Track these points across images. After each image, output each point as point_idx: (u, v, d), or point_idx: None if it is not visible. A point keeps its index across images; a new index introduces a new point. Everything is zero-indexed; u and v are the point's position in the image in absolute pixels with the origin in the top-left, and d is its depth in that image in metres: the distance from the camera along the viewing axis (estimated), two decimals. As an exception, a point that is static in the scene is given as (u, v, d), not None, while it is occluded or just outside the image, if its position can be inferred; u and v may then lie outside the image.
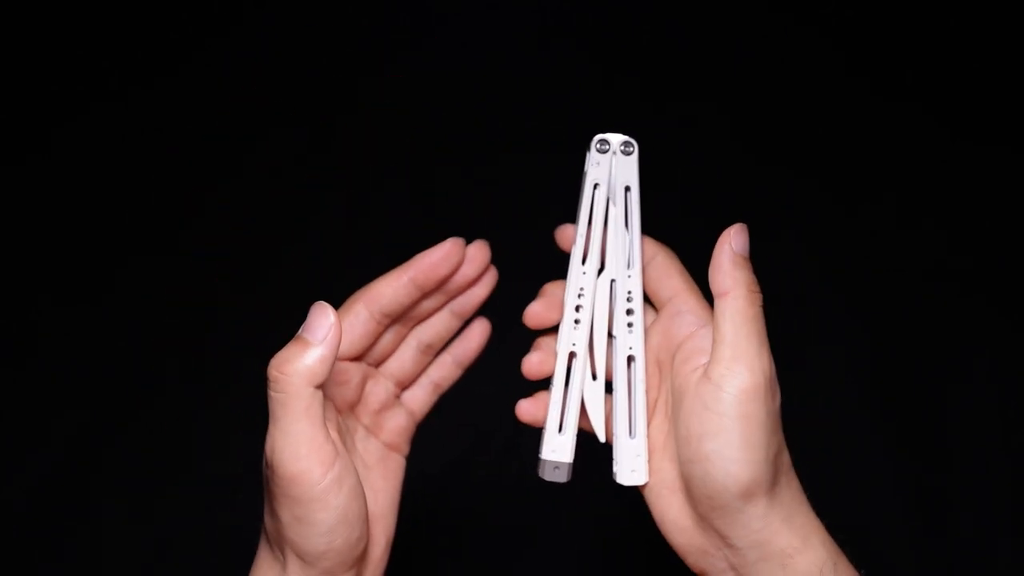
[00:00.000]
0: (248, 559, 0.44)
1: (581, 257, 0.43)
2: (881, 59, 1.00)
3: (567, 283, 0.44)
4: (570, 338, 0.43)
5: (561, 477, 0.42)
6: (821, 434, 0.77)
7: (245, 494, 0.77)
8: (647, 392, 0.43)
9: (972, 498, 0.75)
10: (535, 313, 0.44)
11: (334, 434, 0.40)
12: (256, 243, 0.92)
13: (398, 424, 0.46)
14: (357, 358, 0.45)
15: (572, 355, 0.43)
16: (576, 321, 0.42)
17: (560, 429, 0.42)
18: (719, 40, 1.03)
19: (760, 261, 0.93)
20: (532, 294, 0.46)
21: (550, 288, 0.45)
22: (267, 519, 0.41)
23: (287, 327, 0.41)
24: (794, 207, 0.92)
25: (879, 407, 0.80)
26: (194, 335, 0.86)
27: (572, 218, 0.46)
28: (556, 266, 0.46)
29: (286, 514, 0.38)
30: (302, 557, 0.39)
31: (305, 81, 1.03)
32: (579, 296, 0.43)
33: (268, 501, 0.40)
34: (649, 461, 0.42)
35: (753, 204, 0.91)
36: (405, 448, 0.47)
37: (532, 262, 0.52)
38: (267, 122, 1.00)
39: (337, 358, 0.40)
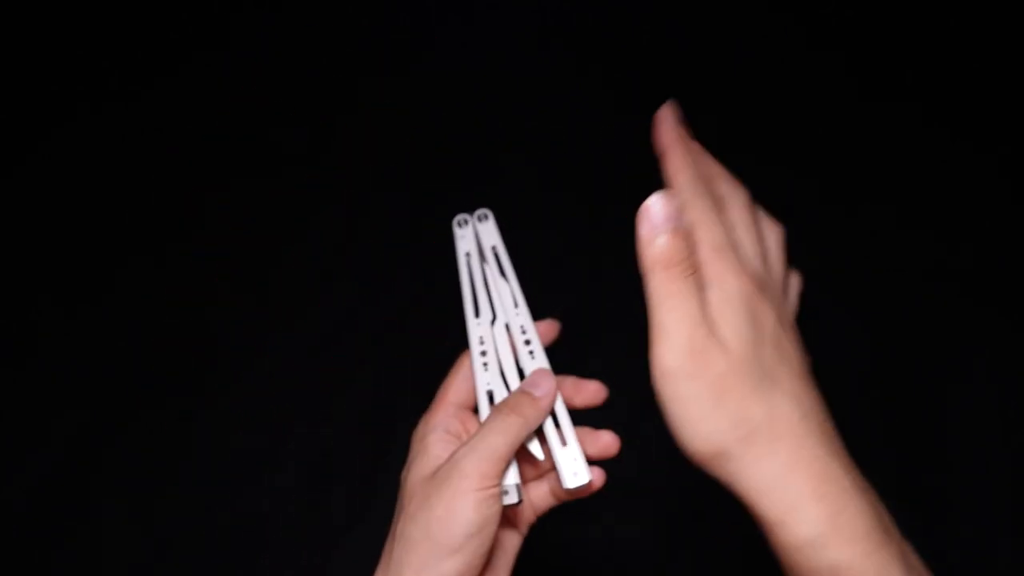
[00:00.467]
0: (248, 559, 0.44)
1: (473, 313, 0.49)
2: (881, 59, 1.00)
3: (469, 338, 0.48)
4: (484, 380, 0.47)
5: (513, 499, 0.44)
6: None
7: (245, 494, 0.78)
8: None
9: (972, 498, 0.75)
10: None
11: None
12: (256, 243, 0.92)
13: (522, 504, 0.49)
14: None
15: (490, 393, 0.47)
16: (485, 364, 0.47)
17: None
18: (719, 40, 1.03)
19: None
20: (533, 295, 0.47)
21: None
22: (404, 521, 0.44)
23: (287, 328, 0.41)
24: (794, 207, 0.92)
25: (879, 407, 0.80)
26: (194, 335, 0.86)
27: (571, 220, 0.46)
28: (556, 266, 0.46)
29: (439, 507, 0.42)
30: (440, 550, 0.42)
31: (305, 81, 1.03)
32: (481, 343, 0.48)
33: (409, 512, 0.43)
34: None
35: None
36: (523, 528, 0.49)
37: (532, 262, 0.52)
38: (267, 122, 1.00)
39: (461, 395, 0.47)
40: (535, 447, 0.46)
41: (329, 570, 0.73)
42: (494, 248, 0.50)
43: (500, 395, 0.47)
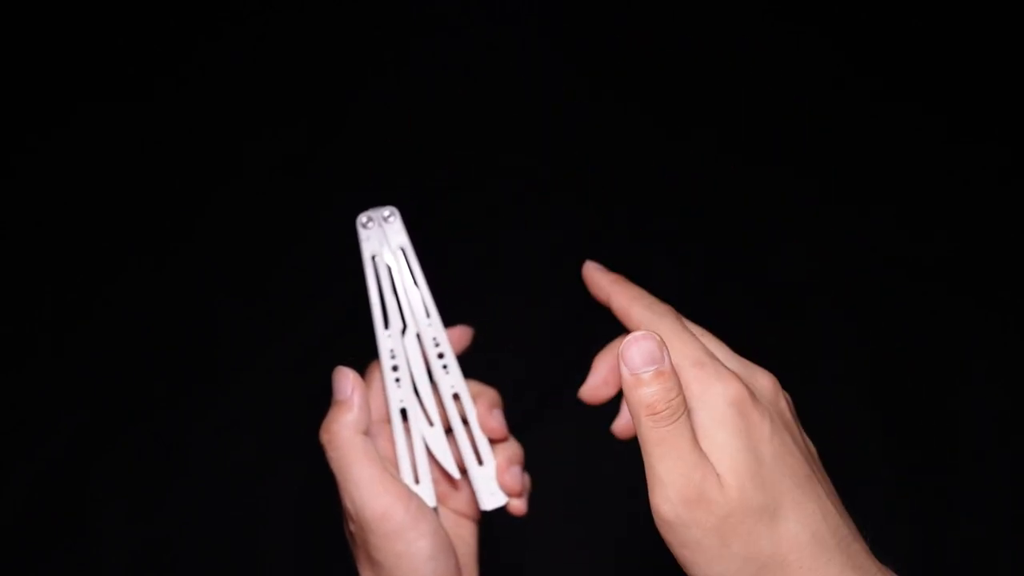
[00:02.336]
0: (247, 559, 0.44)
1: (383, 323, 0.46)
2: (881, 59, 1.00)
3: (379, 351, 0.45)
4: (396, 396, 0.45)
5: None
6: (821, 435, 0.76)
7: (245, 496, 0.78)
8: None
9: (973, 498, 0.75)
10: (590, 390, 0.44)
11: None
12: (256, 244, 0.92)
13: (462, 494, 0.47)
14: None
15: (403, 411, 0.45)
16: (397, 380, 0.45)
17: (416, 481, 0.44)
18: (719, 40, 1.03)
19: (761, 261, 0.93)
20: (530, 296, 0.46)
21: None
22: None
23: (288, 329, 0.41)
24: (794, 207, 0.92)
25: (879, 407, 0.80)
26: (194, 337, 0.86)
27: (571, 220, 0.46)
28: (557, 266, 0.46)
29: (388, 556, 0.41)
30: None
31: (305, 82, 1.03)
32: (392, 358, 0.45)
33: (365, 558, 0.42)
34: None
35: (754, 204, 0.91)
36: (476, 514, 0.47)
37: (530, 263, 0.52)
38: (267, 123, 1.00)
39: (373, 413, 0.44)
40: (451, 466, 0.44)
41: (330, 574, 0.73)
42: (403, 250, 0.47)
43: (414, 412, 0.44)
